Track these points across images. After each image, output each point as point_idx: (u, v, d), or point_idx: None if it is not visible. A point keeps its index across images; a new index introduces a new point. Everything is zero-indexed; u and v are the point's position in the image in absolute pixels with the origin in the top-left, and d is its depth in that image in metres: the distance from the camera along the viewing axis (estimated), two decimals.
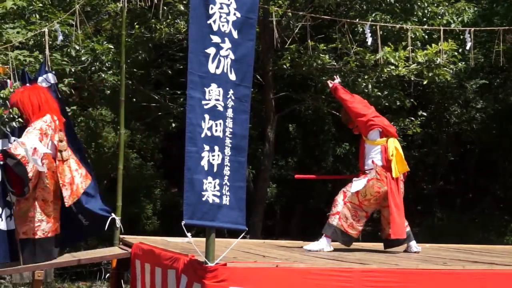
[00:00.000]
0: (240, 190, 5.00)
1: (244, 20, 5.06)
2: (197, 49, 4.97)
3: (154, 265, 6.04)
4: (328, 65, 12.05)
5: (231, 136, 4.97)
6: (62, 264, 7.40)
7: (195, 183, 4.86)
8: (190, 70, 4.97)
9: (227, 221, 4.93)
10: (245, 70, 5.07)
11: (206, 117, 4.92)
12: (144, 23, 12.42)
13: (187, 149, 4.89)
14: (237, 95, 5.01)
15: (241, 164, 5.03)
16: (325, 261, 5.85)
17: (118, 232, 7.65)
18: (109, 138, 14.53)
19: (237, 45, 5.02)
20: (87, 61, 10.61)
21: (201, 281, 4.80)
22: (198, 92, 4.93)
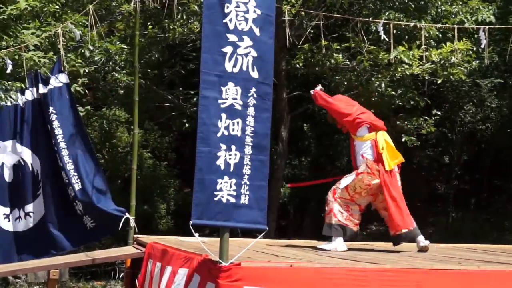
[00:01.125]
0: (261, 190, 4.93)
1: (265, 18, 5.01)
2: (212, 48, 4.93)
3: (165, 264, 6.04)
4: (342, 64, 12.04)
5: (252, 135, 4.90)
6: (77, 263, 7.44)
7: (207, 183, 4.83)
8: (203, 70, 4.92)
9: (245, 220, 4.88)
10: (266, 68, 5.02)
11: (223, 116, 4.87)
12: (158, 23, 12.45)
13: (199, 149, 4.86)
14: (259, 93, 4.95)
15: (263, 163, 4.96)
16: (339, 261, 5.82)
17: (132, 232, 7.68)
18: (123, 138, 14.59)
19: (259, 43, 4.96)
20: (100, 61, 10.65)
21: (215, 281, 4.79)
22: (213, 92, 4.89)
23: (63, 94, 7.89)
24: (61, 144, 7.71)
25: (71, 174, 7.65)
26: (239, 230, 11.10)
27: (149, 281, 6.41)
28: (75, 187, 7.63)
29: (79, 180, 7.64)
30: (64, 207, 7.78)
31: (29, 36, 8.91)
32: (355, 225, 7.15)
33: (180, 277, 5.56)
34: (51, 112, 7.76)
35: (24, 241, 7.81)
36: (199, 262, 5.22)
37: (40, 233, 7.80)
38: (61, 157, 7.69)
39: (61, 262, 7.20)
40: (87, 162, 7.76)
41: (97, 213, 7.67)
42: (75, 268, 11.15)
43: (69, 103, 7.91)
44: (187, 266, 5.49)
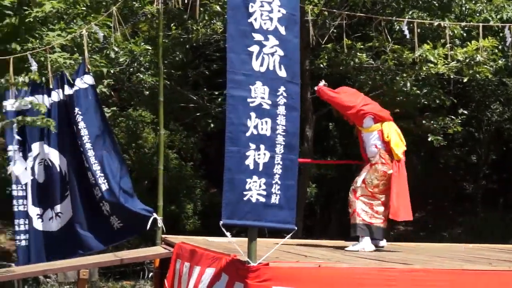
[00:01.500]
0: (291, 189, 4.91)
1: (289, 17, 5.00)
2: (237, 48, 4.92)
3: (193, 264, 6.05)
4: (366, 64, 11.98)
5: (284, 134, 4.88)
6: (106, 263, 7.50)
7: (236, 183, 4.82)
8: (230, 70, 4.90)
9: (275, 220, 4.85)
10: (293, 67, 5.00)
11: (252, 115, 4.85)
12: (181, 24, 12.48)
13: (227, 149, 4.84)
14: (289, 92, 4.93)
15: (293, 162, 4.94)
16: (367, 261, 5.79)
17: (160, 232, 7.71)
18: (149, 138, 14.66)
19: (285, 42, 4.94)
20: (125, 62, 10.70)
21: (244, 281, 4.79)
22: (242, 91, 4.86)
23: (89, 95, 7.94)
24: (87, 145, 7.77)
25: (98, 174, 7.70)
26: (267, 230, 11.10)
27: (178, 281, 6.43)
28: (101, 187, 7.68)
29: (106, 180, 7.69)
30: (91, 208, 7.84)
31: (54, 37, 8.99)
32: (382, 221, 7.10)
33: (207, 277, 5.57)
34: (77, 113, 7.82)
35: (54, 241, 7.89)
36: (228, 262, 5.23)
37: (68, 234, 7.86)
38: (87, 157, 7.74)
39: (90, 262, 7.25)
40: (113, 162, 7.80)
41: (125, 213, 7.71)
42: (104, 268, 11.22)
43: (94, 104, 7.96)
44: (214, 265, 5.50)
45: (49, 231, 7.95)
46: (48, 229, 7.95)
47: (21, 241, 7.87)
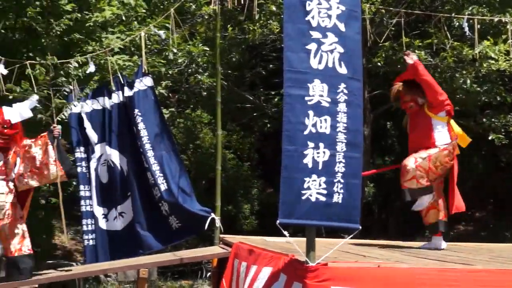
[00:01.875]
0: (355, 187, 4.80)
1: (349, 13, 4.93)
2: (295, 46, 4.90)
3: (251, 264, 6.05)
4: (424, 62, 11.81)
5: (345, 132, 4.79)
6: (165, 262, 7.57)
7: (293, 182, 4.79)
8: (287, 68, 4.88)
9: (338, 219, 4.77)
10: (354, 63, 4.91)
11: (310, 113, 4.79)
12: (237, 25, 12.55)
13: (285, 148, 4.82)
14: (350, 89, 4.84)
15: (357, 160, 4.83)
16: (427, 261, 5.71)
17: (218, 232, 7.75)
18: (206, 139, 14.77)
19: (345, 38, 4.88)
20: (183, 64, 10.81)
21: (302, 281, 4.77)
22: (299, 89, 4.83)
23: (148, 96, 8.02)
24: (147, 145, 7.86)
25: (157, 175, 7.79)
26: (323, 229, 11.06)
27: (236, 280, 6.46)
28: (161, 187, 7.75)
29: (165, 180, 7.76)
30: (150, 208, 7.92)
31: (114, 40, 9.15)
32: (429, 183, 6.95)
33: (264, 276, 5.57)
34: (136, 115, 7.92)
35: (117, 241, 8.02)
36: (286, 262, 5.21)
37: (130, 233, 7.98)
38: (147, 158, 7.83)
39: (149, 261, 7.34)
40: (172, 162, 7.87)
41: (183, 213, 7.77)
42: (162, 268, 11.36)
43: (153, 105, 8.04)
44: (272, 265, 5.49)
45: (114, 230, 8.08)
46: (112, 229, 8.09)
47: (89, 241, 8.02)
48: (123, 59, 8.83)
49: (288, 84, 4.86)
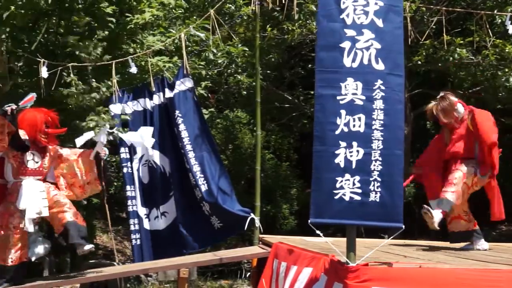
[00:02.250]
0: (396, 186, 4.72)
1: (389, 8, 4.87)
2: (328, 45, 4.88)
3: (290, 264, 6.05)
4: (466, 60, 11.68)
5: (382, 129, 4.73)
6: (205, 262, 7.60)
7: (324, 182, 4.77)
8: (319, 69, 4.87)
9: (376, 218, 4.72)
10: (394, 58, 4.84)
11: (343, 112, 4.78)
12: (276, 25, 12.54)
13: (315, 148, 4.82)
14: (388, 85, 4.78)
15: (397, 158, 4.74)
16: (470, 262, 5.64)
17: (258, 232, 7.76)
18: (246, 139, 14.79)
19: (383, 34, 4.83)
20: (223, 64, 10.85)
21: (343, 281, 4.75)
22: (331, 89, 4.81)
23: (188, 97, 8.08)
24: (188, 146, 7.91)
25: (198, 175, 7.83)
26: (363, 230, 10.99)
27: (275, 280, 6.46)
28: (201, 188, 7.80)
29: (205, 181, 7.80)
30: (193, 208, 7.98)
31: (154, 42, 9.23)
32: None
33: (304, 276, 5.56)
34: (177, 116, 7.98)
35: (160, 241, 8.09)
36: (326, 262, 5.20)
37: (173, 233, 8.04)
38: (187, 159, 7.88)
39: (190, 261, 7.38)
40: (213, 163, 7.91)
41: (223, 213, 7.80)
42: (202, 267, 11.41)
43: (194, 106, 8.09)
44: (312, 265, 5.48)
45: (156, 230, 8.16)
46: (154, 228, 8.17)
47: (136, 240, 8.12)
48: (163, 60, 8.89)
49: (319, 84, 4.86)
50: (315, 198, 4.82)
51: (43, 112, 6.73)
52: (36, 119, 6.62)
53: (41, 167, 6.73)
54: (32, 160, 6.66)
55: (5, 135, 6.34)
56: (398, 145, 4.80)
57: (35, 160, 6.69)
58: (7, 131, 6.33)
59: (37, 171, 6.70)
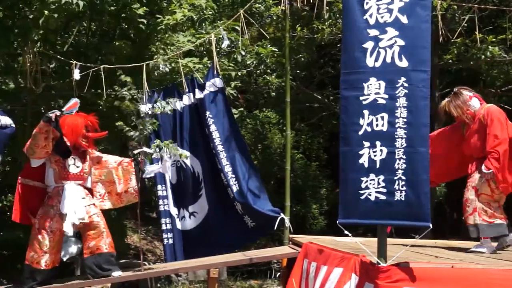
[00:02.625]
0: (421, 184, 4.66)
1: (415, 3, 4.84)
2: (351, 47, 4.90)
3: (321, 264, 6.04)
4: (498, 58, 11.55)
5: (405, 126, 4.70)
6: (235, 262, 7.62)
7: (350, 182, 4.79)
8: (343, 71, 4.92)
9: (403, 218, 4.69)
10: (418, 54, 4.79)
11: (365, 113, 4.79)
12: (306, 24, 12.52)
13: (341, 149, 4.87)
14: (412, 82, 4.74)
15: (422, 155, 4.69)
16: (503, 262, 5.56)
17: (288, 232, 7.76)
18: (275, 139, 14.79)
19: (407, 30, 4.80)
20: (252, 65, 10.87)
21: (374, 281, 4.74)
22: (354, 90, 4.84)
23: (219, 98, 8.09)
24: (219, 147, 7.92)
25: (229, 176, 7.84)
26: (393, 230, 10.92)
27: (305, 280, 6.45)
28: (233, 188, 7.80)
29: (237, 181, 7.81)
30: (226, 207, 7.99)
31: (185, 43, 9.27)
32: (502, 217, 6.71)
33: (335, 276, 5.55)
34: (208, 116, 7.99)
35: (190, 241, 8.12)
36: (356, 262, 5.18)
37: (203, 233, 8.07)
38: (219, 159, 7.89)
39: (220, 261, 7.40)
40: (243, 163, 7.91)
41: (254, 213, 7.81)
42: (232, 267, 11.42)
43: (224, 107, 8.10)
44: (343, 265, 5.47)
45: (185, 230, 8.19)
46: (184, 228, 8.20)
47: (168, 240, 8.14)
48: (193, 61, 8.93)
49: (343, 86, 4.91)
50: (343, 199, 4.86)
51: (82, 117, 6.82)
52: (77, 124, 6.72)
53: (81, 171, 6.82)
54: (73, 165, 6.76)
55: (50, 141, 6.42)
56: (423, 142, 4.74)
57: (76, 165, 6.79)
58: (52, 137, 6.41)
59: (78, 176, 6.79)
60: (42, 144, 6.38)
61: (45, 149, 6.44)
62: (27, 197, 6.72)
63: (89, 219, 6.65)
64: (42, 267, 6.59)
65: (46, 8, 7.66)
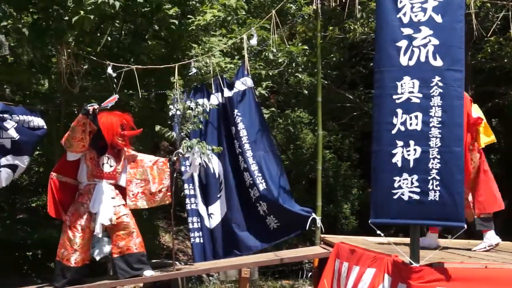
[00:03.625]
0: (455, 184, 4.66)
1: (449, 2, 4.84)
2: (385, 45, 4.90)
3: (353, 264, 6.02)
4: None
5: (439, 126, 4.69)
6: (266, 262, 7.62)
7: (383, 182, 4.78)
8: (377, 69, 4.92)
9: (436, 218, 4.68)
10: (453, 53, 4.80)
11: (399, 112, 4.78)
12: (337, 24, 12.49)
13: (373, 148, 4.86)
14: (446, 81, 4.74)
15: (456, 155, 4.68)
16: None
17: (319, 232, 7.74)
18: (307, 139, 14.77)
19: (441, 29, 4.80)
20: (283, 64, 10.87)
21: (407, 282, 4.71)
22: (387, 89, 4.83)
23: (248, 97, 8.09)
24: (246, 145, 7.92)
25: (255, 174, 7.82)
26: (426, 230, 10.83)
27: (337, 280, 6.44)
28: (259, 187, 7.78)
29: (263, 180, 7.79)
30: (247, 209, 7.97)
31: (215, 43, 9.30)
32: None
33: (368, 277, 5.53)
34: (236, 115, 8.00)
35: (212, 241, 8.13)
36: (389, 262, 5.16)
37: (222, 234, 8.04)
38: (245, 158, 7.89)
39: (251, 261, 7.41)
40: (271, 163, 7.90)
41: (282, 213, 7.79)
42: (263, 267, 11.42)
43: (253, 106, 8.10)
44: (375, 266, 5.45)
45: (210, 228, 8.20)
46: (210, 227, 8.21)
47: (195, 238, 8.12)
48: (224, 61, 8.96)
49: (376, 85, 4.90)
50: (375, 198, 4.84)
51: (117, 115, 6.85)
52: (112, 122, 6.74)
53: (115, 171, 6.84)
54: (107, 164, 6.78)
55: (87, 134, 6.48)
56: (457, 142, 4.74)
57: (110, 164, 6.81)
58: (89, 130, 6.47)
59: (111, 175, 6.80)
60: (79, 136, 6.41)
61: (82, 142, 6.47)
62: (59, 192, 6.72)
63: (118, 219, 6.68)
64: (72, 264, 6.62)
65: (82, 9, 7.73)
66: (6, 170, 6.97)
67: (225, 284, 10.97)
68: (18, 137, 6.97)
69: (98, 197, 6.60)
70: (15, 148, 7.02)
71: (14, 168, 7.10)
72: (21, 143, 7.04)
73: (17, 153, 7.06)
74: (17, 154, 7.07)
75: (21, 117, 7.03)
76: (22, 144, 7.06)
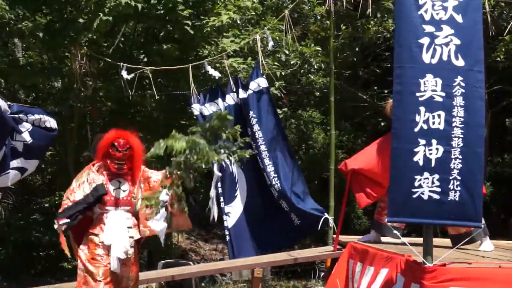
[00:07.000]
0: (476, 184, 4.67)
1: (468, 3, 4.83)
2: (406, 41, 4.86)
3: (366, 265, 6.01)
4: None
5: (462, 126, 4.68)
6: (279, 262, 7.63)
7: (403, 181, 4.74)
8: (397, 65, 4.85)
9: (454, 218, 4.67)
10: (475, 54, 4.78)
11: (422, 109, 4.74)
12: (351, 23, 12.46)
13: (393, 147, 4.80)
14: (468, 81, 4.72)
15: (477, 156, 4.68)
16: None
17: (332, 232, 7.73)
18: (319, 139, 14.74)
19: (462, 29, 4.79)
20: (296, 65, 10.87)
21: (420, 282, 4.71)
22: (409, 85, 4.79)
23: (263, 97, 8.07)
24: (262, 146, 7.90)
25: (272, 176, 7.82)
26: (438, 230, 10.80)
27: (351, 280, 6.44)
28: (276, 187, 7.81)
29: (279, 181, 7.79)
30: (271, 207, 7.97)
31: (229, 43, 9.31)
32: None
33: (382, 277, 5.53)
34: (251, 116, 7.99)
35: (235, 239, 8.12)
36: (402, 262, 5.15)
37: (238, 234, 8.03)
38: (261, 159, 7.89)
39: (264, 261, 7.42)
40: (287, 163, 7.90)
41: (298, 213, 7.80)
42: (276, 267, 11.42)
43: (268, 106, 8.08)
44: (389, 266, 5.45)
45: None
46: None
47: (226, 237, 8.12)
48: (237, 62, 8.97)
49: (397, 81, 4.84)
50: (393, 197, 4.79)
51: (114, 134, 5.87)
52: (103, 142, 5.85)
53: (129, 196, 5.90)
54: (119, 189, 5.86)
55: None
56: (479, 142, 4.73)
57: (123, 189, 5.88)
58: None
59: (125, 201, 5.87)
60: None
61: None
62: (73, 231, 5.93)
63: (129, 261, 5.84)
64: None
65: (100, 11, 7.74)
66: (14, 172, 6.85)
67: (237, 284, 10.98)
68: (30, 141, 6.82)
69: (109, 228, 5.74)
70: (26, 152, 6.85)
71: (23, 171, 6.95)
72: (33, 147, 6.80)
73: (28, 157, 6.93)
74: (28, 158, 6.91)
75: (36, 116, 6.90)
76: (34, 148, 6.83)
